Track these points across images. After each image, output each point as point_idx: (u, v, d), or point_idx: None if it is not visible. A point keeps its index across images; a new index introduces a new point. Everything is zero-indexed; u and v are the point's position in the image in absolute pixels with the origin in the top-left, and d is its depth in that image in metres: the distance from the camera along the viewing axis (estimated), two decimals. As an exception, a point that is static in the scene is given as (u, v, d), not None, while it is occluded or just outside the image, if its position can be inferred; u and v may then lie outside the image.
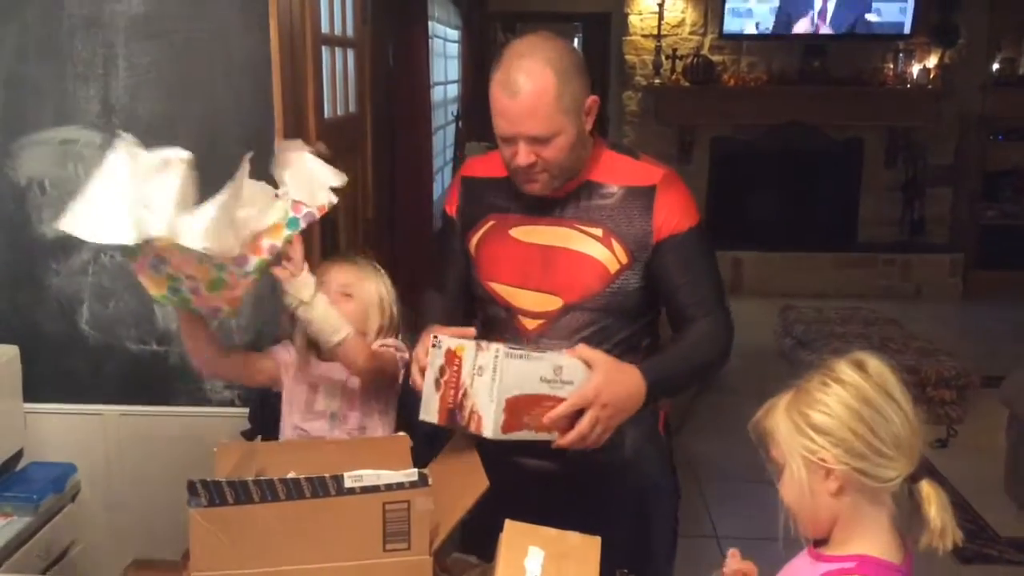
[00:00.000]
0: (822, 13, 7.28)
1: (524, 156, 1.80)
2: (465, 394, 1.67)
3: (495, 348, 1.66)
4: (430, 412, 1.72)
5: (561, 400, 1.70)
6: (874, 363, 1.39)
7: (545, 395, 1.69)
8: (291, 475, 1.41)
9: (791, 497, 1.41)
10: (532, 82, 1.75)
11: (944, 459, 4.22)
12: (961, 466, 4.26)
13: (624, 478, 1.97)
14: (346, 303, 2.02)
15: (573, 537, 1.59)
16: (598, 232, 1.88)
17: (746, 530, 1.64)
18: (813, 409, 1.37)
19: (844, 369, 1.38)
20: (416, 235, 4.30)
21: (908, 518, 1.40)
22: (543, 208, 1.92)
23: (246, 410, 2.66)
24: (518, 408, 1.66)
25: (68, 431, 2.87)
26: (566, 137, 1.80)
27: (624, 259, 1.87)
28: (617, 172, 1.91)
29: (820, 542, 1.43)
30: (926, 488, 1.35)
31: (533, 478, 1.95)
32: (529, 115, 1.77)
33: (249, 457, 1.67)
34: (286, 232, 1.78)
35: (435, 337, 1.74)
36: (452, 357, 1.71)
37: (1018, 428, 4.16)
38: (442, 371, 1.71)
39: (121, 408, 2.85)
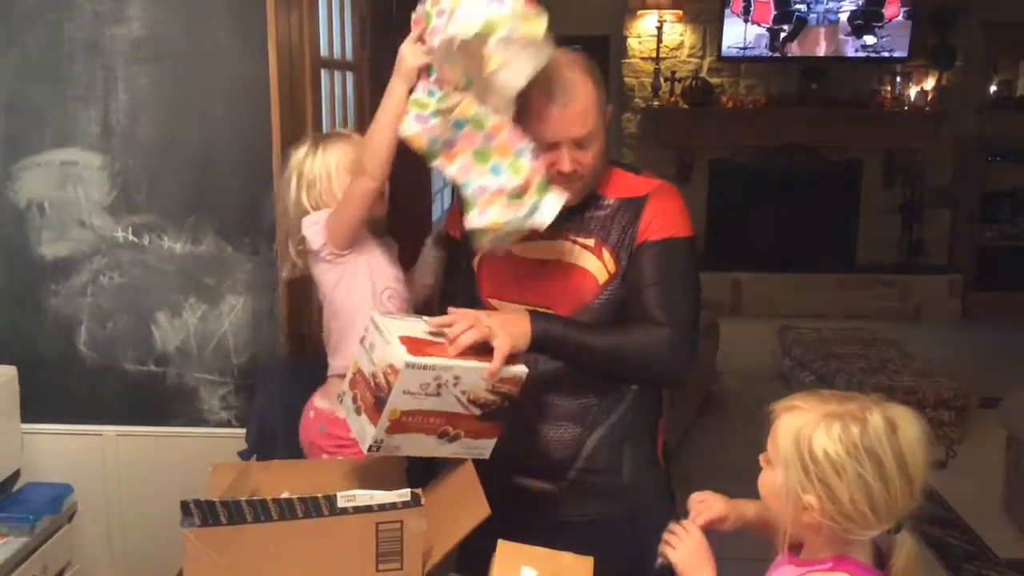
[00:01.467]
0: (819, 36, 7.33)
1: (568, 163, 1.81)
2: (374, 374, 1.63)
3: (368, 321, 1.69)
4: (366, 434, 1.64)
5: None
6: (905, 428, 1.33)
7: (434, 341, 1.67)
8: (285, 495, 1.41)
9: (766, 492, 1.42)
10: (580, 90, 1.79)
11: (943, 480, 4.22)
12: (960, 487, 4.26)
13: (621, 502, 1.97)
14: None
15: (566, 557, 1.59)
16: (591, 243, 1.88)
17: (743, 551, 1.63)
18: (825, 455, 1.31)
19: (876, 424, 1.31)
20: (415, 256, 4.30)
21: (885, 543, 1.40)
22: None
23: (243, 431, 2.67)
24: (414, 343, 1.62)
25: (65, 452, 2.88)
26: (601, 143, 1.84)
27: (612, 268, 1.86)
28: (616, 186, 1.92)
29: (799, 547, 1.43)
30: (899, 538, 1.35)
31: (529, 499, 1.95)
32: (577, 119, 1.79)
33: (244, 477, 1.67)
34: None
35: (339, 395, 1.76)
36: (352, 379, 1.70)
37: (1017, 449, 4.15)
38: (353, 399, 1.69)
39: (118, 429, 2.85)
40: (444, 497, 1.62)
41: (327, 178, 2.09)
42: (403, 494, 1.43)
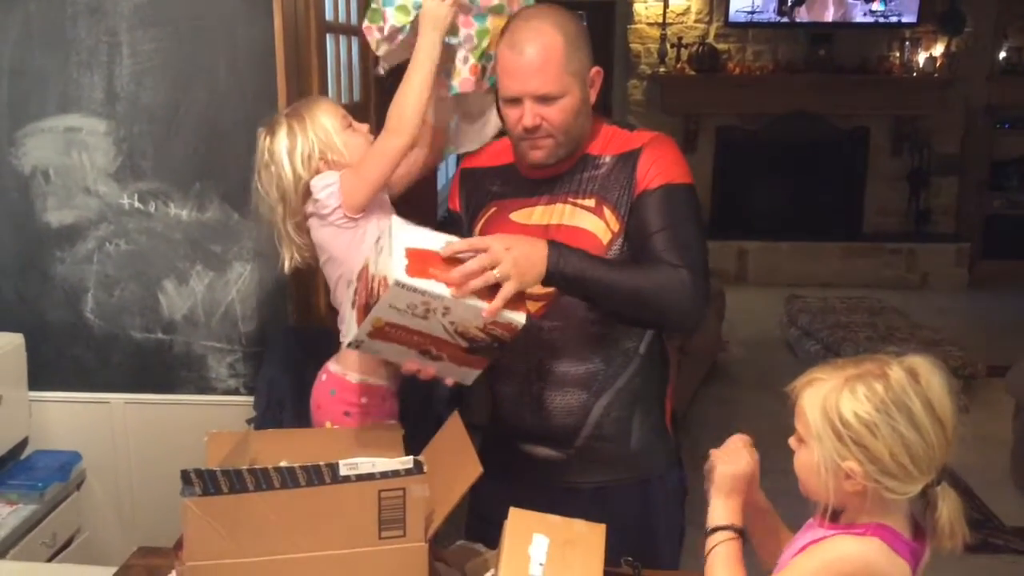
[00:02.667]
0: (828, 1, 7.25)
1: (530, 117, 1.79)
2: (373, 277, 1.60)
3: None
4: (350, 331, 1.64)
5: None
6: (927, 375, 1.34)
7: (446, 260, 1.62)
8: (283, 464, 1.40)
9: (804, 473, 1.40)
10: (540, 41, 1.76)
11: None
12: (967, 456, 4.16)
13: (629, 469, 1.97)
14: (354, 134, 2.04)
15: (579, 525, 1.59)
16: (591, 203, 1.86)
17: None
18: (856, 417, 1.31)
19: (898, 377, 1.33)
20: (419, 223, 4.28)
21: (922, 513, 1.39)
22: (541, 188, 1.90)
23: (251, 399, 2.67)
24: (421, 258, 1.58)
25: (73, 419, 2.89)
26: (571, 100, 1.79)
27: (616, 226, 1.84)
28: (611, 144, 1.90)
29: (833, 516, 1.41)
30: (940, 491, 1.34)
31: (537, 466, 1.95)
32: (536, 73, 1.76)
33: (242, 446, 1.66)
34: None
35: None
36: (361, 273, 1.68)
37: (1024, 417, 4.15)
38: (356, 291, 1.67)
39: (126, 396, 2.86)
40: (436, 459, 1.60)
41: (326, 138, 2.01)
42: (405, 461, 1.42)
